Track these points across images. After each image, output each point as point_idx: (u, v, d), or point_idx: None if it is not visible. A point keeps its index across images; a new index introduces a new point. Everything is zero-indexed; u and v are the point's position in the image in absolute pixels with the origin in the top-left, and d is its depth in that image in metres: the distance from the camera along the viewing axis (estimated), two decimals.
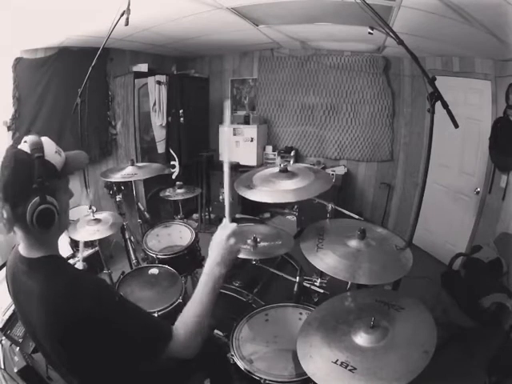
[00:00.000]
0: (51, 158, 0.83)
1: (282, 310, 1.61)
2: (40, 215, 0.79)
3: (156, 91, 3.69)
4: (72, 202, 0.96)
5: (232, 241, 0.92)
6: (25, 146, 0.81)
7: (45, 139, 0.85)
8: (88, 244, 2.90)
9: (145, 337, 0.85)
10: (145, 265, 2.23)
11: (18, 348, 1.74)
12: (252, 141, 4.13)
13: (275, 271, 1.82)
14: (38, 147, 0.81)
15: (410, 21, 2.13)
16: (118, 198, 2.51)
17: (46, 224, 0.82)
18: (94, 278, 0.91)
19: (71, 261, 2.78)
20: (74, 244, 2.83)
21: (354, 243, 1.37)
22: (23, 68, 2.69)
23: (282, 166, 1.60)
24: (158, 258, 2.15)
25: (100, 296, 0.82)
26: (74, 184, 2.98)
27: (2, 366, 1.65)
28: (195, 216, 4.36)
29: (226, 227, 0.94)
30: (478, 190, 2.91)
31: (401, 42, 1.33)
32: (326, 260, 1.32)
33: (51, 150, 0.84)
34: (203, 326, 0.90)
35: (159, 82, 3.68)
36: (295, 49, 4.07)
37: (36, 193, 0.79)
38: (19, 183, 0.79)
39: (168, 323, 0.89)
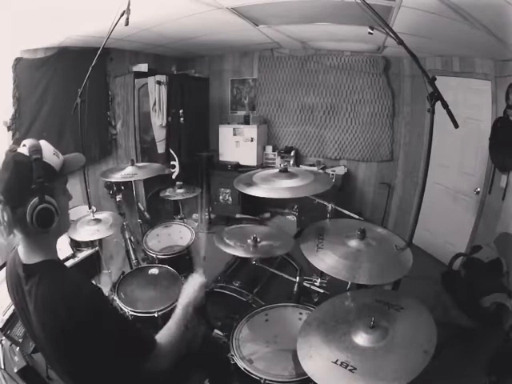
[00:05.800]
0: (49, 159, 0.86)
1: (282, 310, 1.61)
2: (39, 215, 0.81)
3: (156, 91, 3.68)
4: (71, 203, 0.97)
5: (203, 290, 1.15)
6: (24, 149, 0.84)
7: (43, 142, 0.88)
8: (88, 244, 2.90)
9: (133, 341, 0.90)
10: (145, 265, 2.23)
11: (18, 348, 1.74)
12: (252, 141, 4.13)
13: (275, 271, 1.82)
14: (37, 149, 0.84)
15: (409, 21, 2.13)
16: (118, 197, 2.50)
17: (46, 223, 0.83)
18: (88, 283, 0.94)
19: (71, 261, 2.79)
20: (74, 244, 2.84)
21: (354, 243, 1.37)
22: (23, 68, 2.69)
23: (281, 165, 1.61)
24: (158, 258, 2.15)
25: (94, 301, 0.85)
26: (74, 184, 2.99)
27: (2, 366, 1.65)
28: (195, 216, 4.36)
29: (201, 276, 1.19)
30: (478, 190, 2.91)
31: (401, 42, 1.33)
32: (326, 260, 1.32)
33: (49, 152, 0.87)
34: (178, 347, 1.00)
35: (159, 82, 3.67)
36: (295, 49, 4.07)
37: (35, 193, 0.80)
38: (19, 185, 0.81)
39: (152, 333, 0.97)
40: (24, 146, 0.84)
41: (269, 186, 1.55)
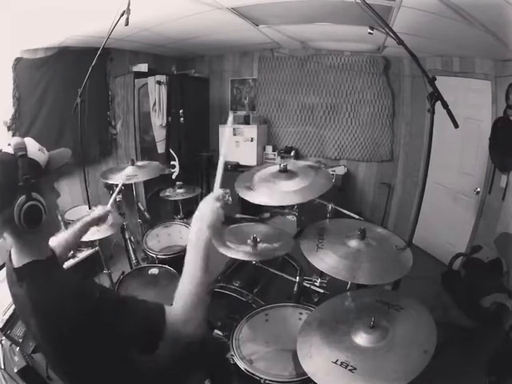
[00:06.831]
0: (35, 155, 0.84)
1: (282, 310, 1.61)
2: (27, 213, 0.79)
3: (156, 91, 3.69)
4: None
5: (218, 204, 0.93)
6: (9, 148, 0.82)
7: (27, 139, 0.86)
8: (88, 244, 2.90)
9: (138, 324, 0.83)
10: (145, 265, 2.23)
11: (18, 348, 1.74)
12: (252, 141, 4.13)
13: (275, 271, 1.82)
14: (21, 147, 0.82)
15: (409, 21, 2.13)
16: (118, 198, 2.50)
17: (34, 222, 0.81)
18: (77, 279, 0.89)
19: (71, 261, 2.78)
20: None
21: (354, 243, 1.38)
22: (23, 68, 2.69)
23: (281, 165, 1.60)
24: (158, 258, 2.15)
25: (85, 294, 0.81)
26: (74, 184, 3.01)
27: (2, 366, 1.65)
28: None
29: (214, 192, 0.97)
30: (478, 189, 2.91)
31: (401, 42, 1.33)
32: (326, 260, 1.32)
33: (34, 148, 0.85)
34: (200, 298, 0.86)
35: (159, 82, 3.67)
36: (295, 49, 4.06)
37: (22, 191, 0.79)
38: (5, 184, 0.79)
39: (158, 304, 0.86)
40: (9, 145, 0.83)
41: (269, 189, 1.55)
